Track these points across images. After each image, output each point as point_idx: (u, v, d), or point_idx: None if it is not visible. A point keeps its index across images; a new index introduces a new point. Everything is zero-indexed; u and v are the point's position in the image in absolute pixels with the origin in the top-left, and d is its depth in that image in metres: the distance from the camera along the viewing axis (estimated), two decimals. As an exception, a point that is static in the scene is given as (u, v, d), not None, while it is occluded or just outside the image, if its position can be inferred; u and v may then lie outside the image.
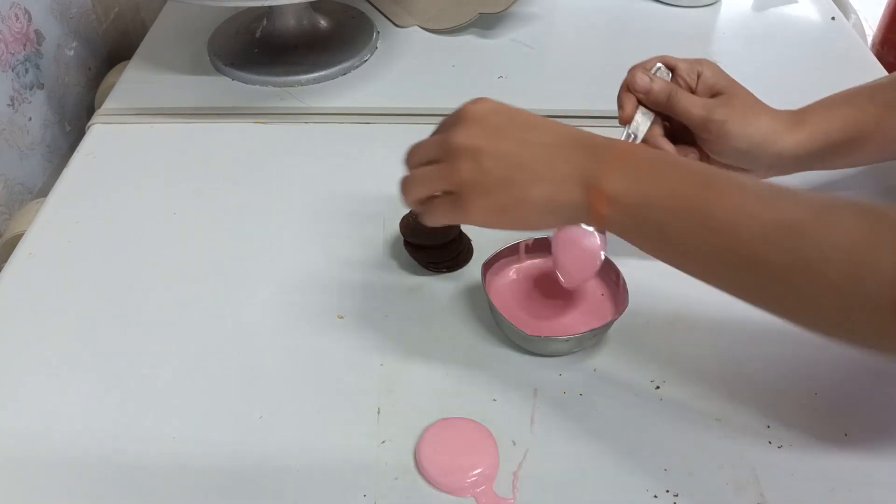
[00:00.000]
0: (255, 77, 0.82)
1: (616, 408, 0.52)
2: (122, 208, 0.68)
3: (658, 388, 0.53)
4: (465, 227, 0.62)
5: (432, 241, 0.60)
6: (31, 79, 0.79)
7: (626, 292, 0.56)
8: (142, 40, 0.90)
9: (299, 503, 0.47)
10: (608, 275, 0.58)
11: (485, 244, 0.61)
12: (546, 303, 0.58)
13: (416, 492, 0.47)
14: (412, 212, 0.61)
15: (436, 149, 0.49)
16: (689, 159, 0.56)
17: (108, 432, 0.51)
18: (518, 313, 0.56)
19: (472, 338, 0.57)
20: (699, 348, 0.56)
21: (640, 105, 0.57)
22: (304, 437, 0.50)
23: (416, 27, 0.92)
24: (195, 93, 0.81)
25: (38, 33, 0.80)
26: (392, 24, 0.92)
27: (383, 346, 0.56)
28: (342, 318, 0.58)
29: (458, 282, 0.61)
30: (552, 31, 0.92)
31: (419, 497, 0.47)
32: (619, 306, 0.56)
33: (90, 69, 0.91)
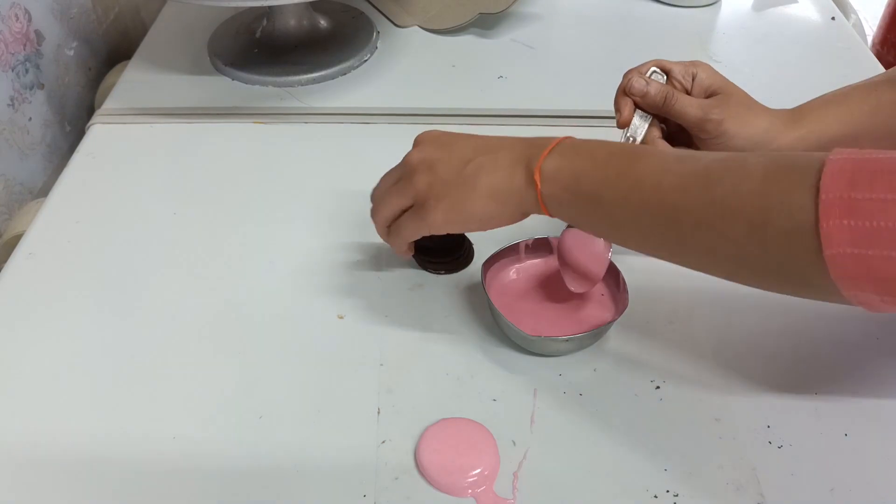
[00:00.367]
0: (255, 77, 0.82)
1: (616, 408, 0.52)
2: (122, 208, 0.68)
3: (658, 388, 0.53)
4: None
5: (434, 243, 0.60)
6: (31, 79, 0.79)
7: (626, 292, 0.56)
8: (142, 40, 0.90)
9: (299, 503, 0.47)
10: (608, 275, 0.58)
11: (485, 244, 0.61)
12: (546, 303, 0.58)
13: (416, 492, 0.47)
14: None
15: (396, 173, 0.54)
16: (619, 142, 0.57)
17: (107, 432, 0.51)
18: (518, 313, 0.56)
19: (472, 338, 0.57)
20: (699, 348, 0.56)
21: (637, 108, 0.57)
22: (304, 437, 0.50)
23: (416, 27, 0.92)
24: (195, 93, 0.81)
25: (38, 33, 0.80)
26: (392, 24, 0.92)
27: (383, 346, 0.56)
28: (342, 318, 0.58)
29: (458, 282, 0.61)
30: (552, 31, 0.92)
31: (419, 497, 0.47)
32: (619, 306, 0.56)
33: (90, 69, 0.91)
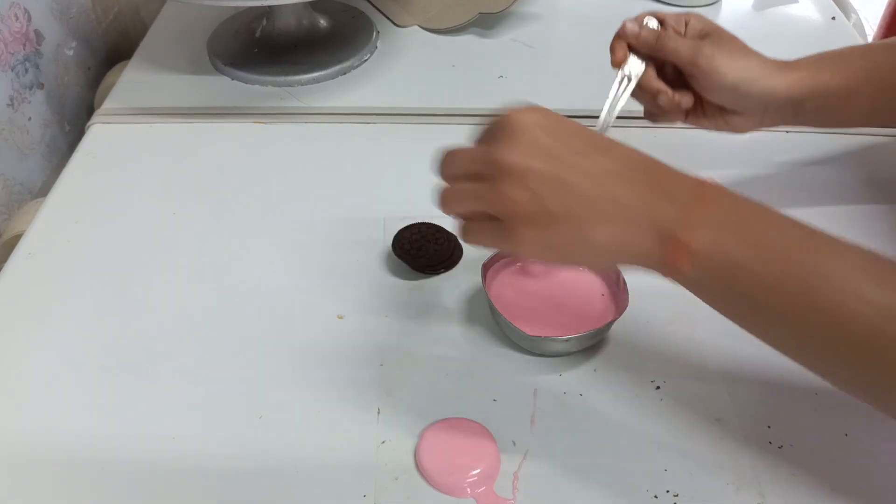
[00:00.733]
0: (255, 77, 0.82)
1: (616, 408, 0.52)
2: (122, 208, 0.68)
3: (658, 388, 0.53)
4: (451, 227, 0.62)
5: (431, 252, 0.61)
6: (31, 79, 0.79)
7: (626, 292, 0.55)
8: (142, 40, 0.90)
9: (299, 503, 0.47)
10: (608, 275, 0.58)
11: (485, 244, 0.61)
12: (546, 303, 0.58)
13: (416, 492, 0.47)
14: (404, 232, 0.62)
15: (478, 163, 0.43)
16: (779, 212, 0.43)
17: (107, 432, 0.51)
18: (518, 313, 0.56)
19: (471, 338, 0.57)
20: (699, 348, 0.56)
21: (633, 52, 0.59)
22: (304, 437, 0.50)
23: (416, 27, 0.92)
24: (195, 93, 0.81)
25: (37, 33, 0.80)
26: (392, 24, 0.92)
27: (383, 346, 0.56)
28: (342, 318, 0.58)
29: (458, 282, 0.61)
30: (552, 31, 0.92)
31: (419, 497, 0.47)
32: (619, 306, 0.56)
33: (90, 69, 0.91)
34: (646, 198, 0.40)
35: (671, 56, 0.57)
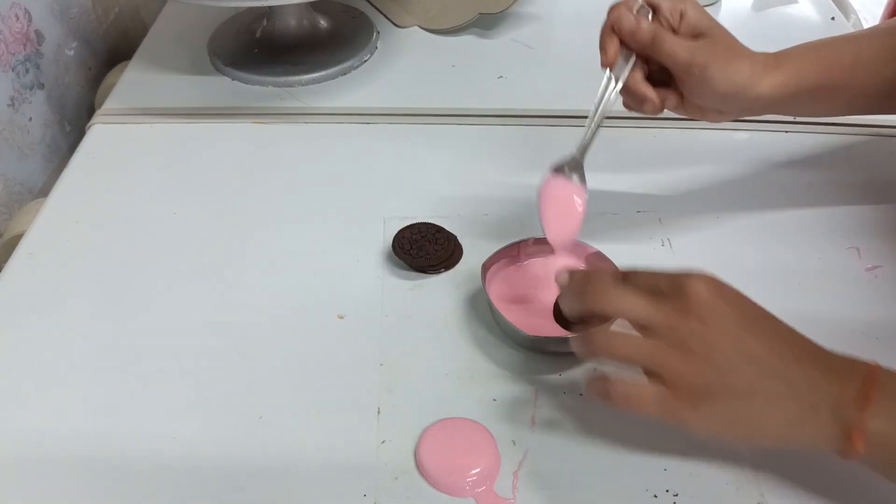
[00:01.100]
0: (255, 77, 0.82)
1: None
2: (122, 208, 0.68)
3: (658, 388, 0.53)
4: (451, 228, 0.63)
5: (430, 254, 0.61)
6: (31, 79, 0.79)
7: (626, 292, 0.55)
8: (142, 40, 0.90)
9: (299, 503, 0.47)
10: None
11: (484, 244, 0.61)
12: (546, 303, 0.58)
13: (416, 492, 0.47)
14: (404, 232, 0.62)
15: (652, 312, 0.43)
16: None
17: (107, 432, 0.51)
18: (518, 313, 0.56)
19: (472, 338, 0.57)
20: (699, 348, 0.56)
21: (621, 46, 0.56)
22: (305, 437, 0.50)
23: (416, 27, 0.92)
24: (195, 93, 0.81)
25: (38, 33, 0.80)
26: (392, 24, 0.92)
27: (383, 346, 0.56)
28: (342, 318, 0.58)
29: (458, 282, 0.61)
30: (552, 31, 0.92)
31: (419, 497, 0.47)
32: (619, 306, 0.56)
33: (90, 69, 0.91)
34: (820, 384, 0.42)
35: (666, 60, 0.55)
